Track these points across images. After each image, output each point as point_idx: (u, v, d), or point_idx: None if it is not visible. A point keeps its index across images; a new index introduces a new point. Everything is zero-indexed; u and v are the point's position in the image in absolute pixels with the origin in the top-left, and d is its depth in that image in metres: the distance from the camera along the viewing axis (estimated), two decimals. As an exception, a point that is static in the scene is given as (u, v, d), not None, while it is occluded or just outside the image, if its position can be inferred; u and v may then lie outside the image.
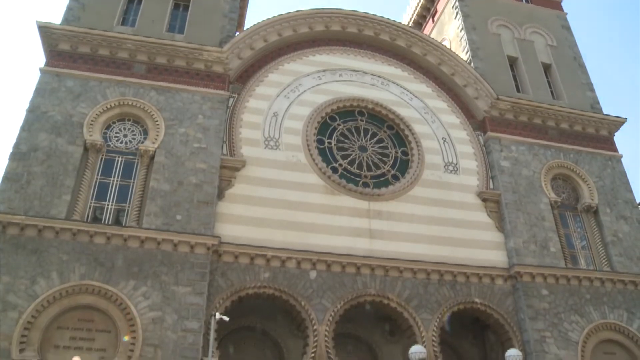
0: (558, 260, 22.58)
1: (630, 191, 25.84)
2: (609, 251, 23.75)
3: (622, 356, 21.61)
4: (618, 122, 27.45)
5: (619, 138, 28.21)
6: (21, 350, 15.87)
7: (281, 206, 20.88)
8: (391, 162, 23.90)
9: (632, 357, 21.56)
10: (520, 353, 17.11)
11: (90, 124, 20.19)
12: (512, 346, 19.92)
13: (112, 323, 17.07)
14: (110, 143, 20.64)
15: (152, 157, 20.32)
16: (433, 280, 21.08)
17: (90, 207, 19.30)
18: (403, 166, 23.90)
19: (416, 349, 16.26)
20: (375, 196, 22.29)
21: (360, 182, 22.75)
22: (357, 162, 23.39)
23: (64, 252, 17.54)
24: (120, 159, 20.49)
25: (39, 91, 20.49)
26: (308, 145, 22.65)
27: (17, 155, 18.97)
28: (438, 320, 20.37)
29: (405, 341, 20.82)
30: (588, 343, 21.08)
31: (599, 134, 27.13)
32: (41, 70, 21.08)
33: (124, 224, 19.07)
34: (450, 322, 20.94)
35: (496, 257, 22.29)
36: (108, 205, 19.55)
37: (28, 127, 19.60)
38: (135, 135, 20.98)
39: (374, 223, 21.66)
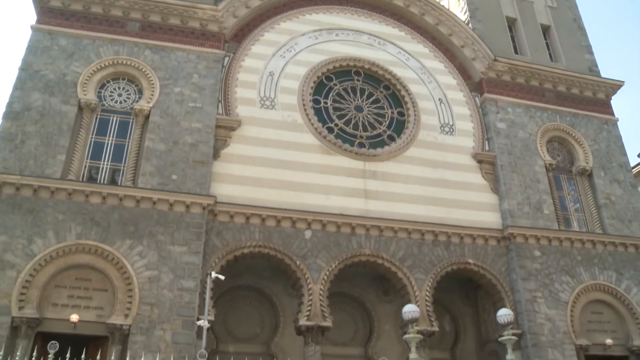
0: (551, 222, 22.78)
1: (625, 155, 25.93)
2: (601, 214, 23.97)
3: (609, 315, 22.06)
4: (615, 86, 27.33)
5: (615, 101, 28.11)
6: (20, 308, 16.06)
7: (277, 166, 20.86)
8: (387, 122, 23.82)
9: (618, 316, 22.03)
10: (511, 312, 17.30)
11: (84, 83, 19.99)
12: (503, 306, 20.17)
13: (109, 282, 17.23)
14: (104, 102, 20.47)
15: (147, 117, 20.19)
16: (427, 240, 21.25)
17: (85, 167, 19.24)
18: (399, 127, 23.83)
19: (409, 308, 16.40)
20: (370, 156, 22.28)
21: (356, 143, 22.71)
22: (353, 122, 23.31)
23: (59, 212, 17.58)
24: (115, 118, 20.36)
25: (31, 49, 20.19)
26: (304, 105, 22.53)
27: (11, 114, 18.81)
28: (432, 280, 20.61)
29: (398, 300, 21.12)
30: (577, 303, 21.47)
31: (596, 97, 27.04)
32: (33, 28, 20.69)
33: (119, 184, 19.06)
34: (443, 282, 21.18)
35: (490, 219, 22.44)
36: (103, 165, 19.51)
37: (21, 85, 19.39)
38: (129, 94, 20.81)
39: (369, 183, 21.70)
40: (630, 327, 21.75)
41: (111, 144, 19.90)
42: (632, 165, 26.82)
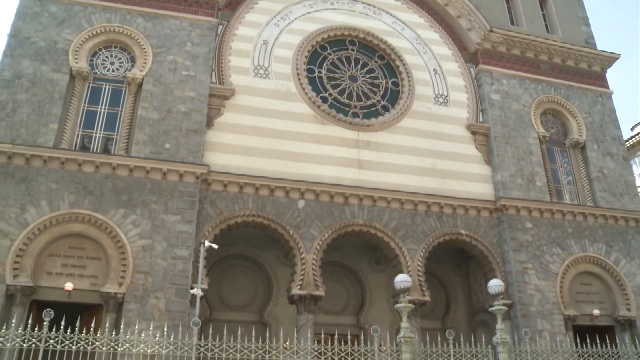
0: (543, 194, 22.92)
1: (619, 128, 25.97)
2: (593, 187, 24.13)
3: (597, 287, 22.42)
4: (611, 58, 27.24)
5: (610, 74, 28.04)
6: (15, 277, 16.13)
7: (270, 135, 20.79)
8: (381, 92, 23.72)
9: (606, 287, 22.40)
10: (502, 283, 17.45)
11: (76, 51, 19.72)
12: (494, 276, 20.43)
13: (102, 251, 17.28)
14: (96, 71, 20.22)
15: (140, 85, 20.00)
16: (420, 211, 21.35)
17: (78, 136, 19.10)
18: (393, 97, 23.74)
19: (401, 278, 16.48)
20: (364, 126, 22.23)
21: (350, 112, 22.64)
22: (347, 92, 23.19)
23: (52, 181, 17.51)
24: (107, 86, 20.15)
25: (20, 15, 19.79)
26: (298, 74, 22.38)
27: (1, 82, 18.53)
28: (424, 250, 20.76)
29: (391, 270, 21.30)
30: (567, 274, 21.76)
31: (592, 69, 26.96)
32: (22, -7, 20.34)
33: (112, 153, 18.97)
34: (435, 252, 21.36)
35: (483, 190, 22.55)
36: (96, 133, 19.38)
37: (11, 52, 19.09)
38: (122, 62, 20.57)
39: (363, 153, 21.70)
40: (617, 298, 22.12)
41: (104, 112, 19.73)
42: (625, 138, 26.86)
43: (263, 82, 21.76)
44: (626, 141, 32.44)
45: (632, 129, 42.44)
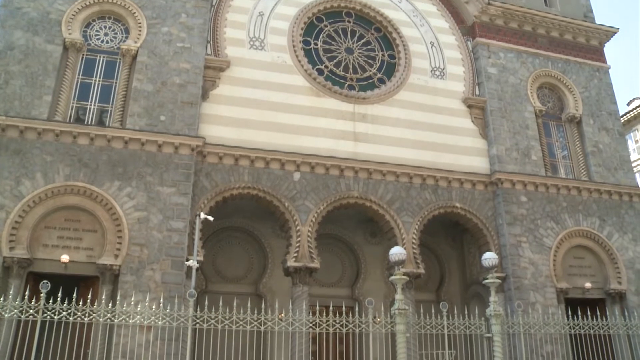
0: (539, 168, 22.98)
1: (615, 103, 25.93)
2: (588, 161, 24.20)
3: (590, 260, 22.65)
4: (609, 32, 27.08)
5: (607, 49, 27.82)
6: (11, 249, 16.16)
7: (266, 107, 20.69)
8: (378, 65, 23.57)
9: (598, 261, 22.64)
10: (496, 256, 17.61)
11: (69, 22, 19.44)
12: (488, 250, 20.58)
13: (98, 223, 17.28)
14: (90, 42, 19.95)
15: (135, 57, 19.77)
16: (415, 184, 21.39)
17: (72, 108, 18.94)
18: (389, 70, 23.60)
19: (396, 250, 16.59)
20: (360, 99, 22.14)
21: (346, 85, 22.51)
22: (343, 64, 23.03)
23: (47, 153, 17.42)
24: (101, 58, 19.93)
25: (11, -16, 19.55)
26: (294, 46, 22.19)
27: (-7, 53, 18.36)
28: (419, 223, 20.86)
29: (386, 243, 21.43)
30: (561, 248, 21.94)
31: (589, 43, 26.81)
32: (12, -39, 19.98)
33: (107, 125, 18.84)
34: (430, 225, 21.47)
35: (478, 164, 22.58)
36: (90, 105, 19.21)
37: (2, 23, 18.75)
38: (116, 34, 20.33)
39: (359, 126, 21.65)
40: (608, 272, 22.37)
41: (98, 84, 19.54)
42: (621, 113, 26.83)
43: (259, 54, 21.59)
44: (622, 116, 32.43)
45: (628, 104, 42.43)
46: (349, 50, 23.45)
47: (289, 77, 21.58)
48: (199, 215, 17.24)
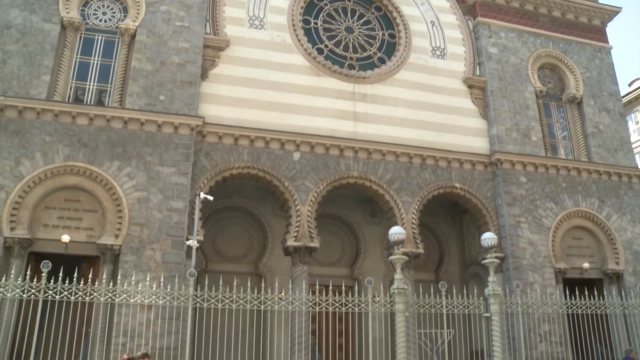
0: (539, 149, 22.97)
1: (616, 84, 25.85)
2: (588, 142, 24.18)
3: (588, 241, 22.78)
4: (612, 12, 26.87)
5: (609, 29, 27.53)
6: (12, 229, 16.20)
7: (265, 87, 20.60)
8: (378, 44, 23.42)
9: (597, 242, 22.77)
10: (495, 236, 17.67)
11: (66, 0, 19.22)
12: (488, 230, 20.61)
13: (98, 203, 17.31)
14: (88, 21, 19.75)
15: (133, 36, 19.62)
16: (415, 164, 21.39)
17: (71, 88, 18.84)
18: (390, 49, 23.46)
19: (396, 230, 16.63)
20: (360, 79, 22.04)
21: (346, 64, 22.40)
22: (343, 43, 22.89)
23: (46, 134, 17.37)
24: (100, 37, 19.77)
25: (8, -38, 19.33)
26: (294, 25, 22.03)
27: (-11, 32, 18.19)
28: (418, 203, 20.89)
29: (385, 222, 21.47)
30: (560, 229, 22.03)
31: (591, 23, 26.61)
32: (8, -62, 19.73)
33: (106, 105, 18.77)
34: (429, 205, 21.50)
35: (478, 144, 22.55)
36: (89, 85, 19.12)
37: (-2, 1, 18.66)
38: (114, 12, 20.13)
39: (359, 106, 21.59)
40: (606, 252, 22.50)
41: (97, 64, 19.42)
42: (622, 94, 26.72)
43: (258, 33, 21.44)
44: (623, 97, 32.29)
45: (629, 85, 42.23)
46: (349, 30, 23.29)
47: (289, 57, 21.46)
48: (199, 195, 17.26)
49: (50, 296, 13.53)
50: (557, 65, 25.26)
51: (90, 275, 14.17)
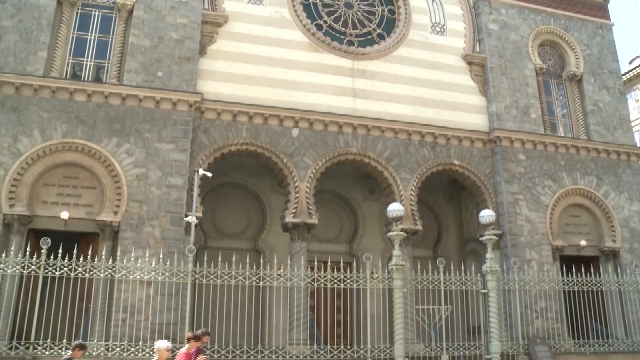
0: (538, 126, 22.92)
1: (617, 61, 25.70)
2: (587, 120, 24.13)
3: (586, 219, 22.85)
4: (614, -14, 26.65)
5: (611, 5, 27.15)
6: (11, 206, 16.20)
7: (264, 63, 20.47)
8: (377, 20, 23.20)
9: (594, 220, 22.86)
10: (493, 213, 17.81)
11: (62, -25, 19.07)
12: (486, 207, 20.61)
13: (97, 180, 17.28)
14: (85, -4, 19.63)
15: (131, 12, 19.37)
16: (414, 140, 21.37)
17: (68, 64, 18.67)
18: (389, 25, 23.26)
19: (394, 207, 16.74)
20: (359, 55, 21.90)
21: (345, 40, 22.22)
22: (342, 19, 22.68)
23: (44, 110, 17.26)
24: (97, 13, 19.53)
25: None
26: (292, 1, 21.78)
27: (-17, 8, 17.96)
28: (417, 180, 20.91)
29: (384, 199, 21.50)
30: (557, 206, 22.08)
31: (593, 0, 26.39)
32: None
33: (104, 81, 18.64)
34: (428, 182, 21.54)
35: (477, 121, 22.49)
36: (87, 61, 18.95)
37: (-8, -25, 18.42)
38: (111, -13, 19.97)
39: (358, 82, 21.48)
40: (603, 230, 22.59)
41: (94, 40, 19.22)
42: (623, 72, 26.58)
43: (257, 9, 21.23)
44: (623, 75, 32.15)
45: (630, 62, 42.05)
46: (349, 5, 23.08)
47: (288, 33, 21.29)
48: (198, 172, 17.32)
49: (50, 272, 13.66)
50: (558, 43, 25.07)
51: (89, 252, 14.29)
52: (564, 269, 18.46)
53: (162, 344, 10.29)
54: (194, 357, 10.76)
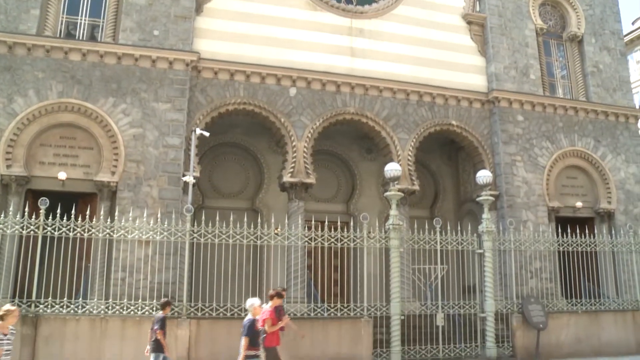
0: (537, 87, 22.78)
1: (619, 22, 25.35)
2: (587, 81, 23.96)
3: (582, 180, 22.95)
4: (619, -56, 26.13)
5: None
6: (8, 167, 16.18)
7: (261, 21, 20.19)
8: (376, -22, 22.86)
9: (590, 181, 22.98)
10: (490, 174, 17.90)
11: None
12: (483, 168, 20.67)
13: (94, 140, 17.22)
14: (77, -49, 19.22)
15: (125, -32, 19.11)
16: (412, 100, 21.27)
17: (62, 22, 18.35)
18: (388, -17, 22.90)
19: (392, 167, 16.82)
20: (357, 13, 21.62)
21: (343, -1, 21.96)
22: (340, -23, 22.35)
23: (39, 70, 17.05)
24: (90, -31, 19.26)
25: None
26: (290, -42, 21.43)
27: (-28, -37, 17.56)
28: (414, 140, 20.90)
29: (381, 159, 21.53)
30: (554, 168, 22.13)
31: (597, -44, 25.93)
32: None
33: (99, 40, 18.40)
34: (425, 142, 21.53)
35: (476, 81, 22.33)
36: (81, 20, 18.63)
37: None
38: (105, -58, 19.52)
39: (356, 41, 21.24)
40: (599, 192, 22.73)
41: (88, -3, 18.97)
42: (625, 33, 26.22)
43: (254, -34, 20.84)
44: (625, 35, 31.78)
45: (633, 23, 41.51)
46: (347, -38, 22.66)
47: (285, -10, 20.97)
48: (195, 131, 17.30)
49: (49, 232, 13.74)
50: (559, 2, 24.65)
51: (87, 212, 14.34)
52: (560, 230, 18.60)
53: (257, 301, 10.91)
54: (275, 313, 11.49)
